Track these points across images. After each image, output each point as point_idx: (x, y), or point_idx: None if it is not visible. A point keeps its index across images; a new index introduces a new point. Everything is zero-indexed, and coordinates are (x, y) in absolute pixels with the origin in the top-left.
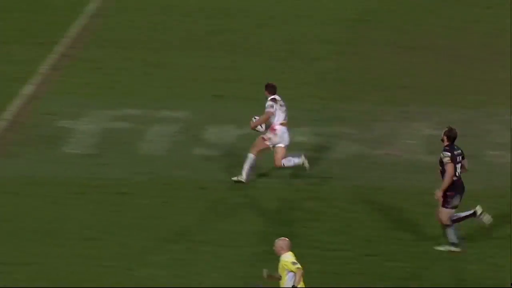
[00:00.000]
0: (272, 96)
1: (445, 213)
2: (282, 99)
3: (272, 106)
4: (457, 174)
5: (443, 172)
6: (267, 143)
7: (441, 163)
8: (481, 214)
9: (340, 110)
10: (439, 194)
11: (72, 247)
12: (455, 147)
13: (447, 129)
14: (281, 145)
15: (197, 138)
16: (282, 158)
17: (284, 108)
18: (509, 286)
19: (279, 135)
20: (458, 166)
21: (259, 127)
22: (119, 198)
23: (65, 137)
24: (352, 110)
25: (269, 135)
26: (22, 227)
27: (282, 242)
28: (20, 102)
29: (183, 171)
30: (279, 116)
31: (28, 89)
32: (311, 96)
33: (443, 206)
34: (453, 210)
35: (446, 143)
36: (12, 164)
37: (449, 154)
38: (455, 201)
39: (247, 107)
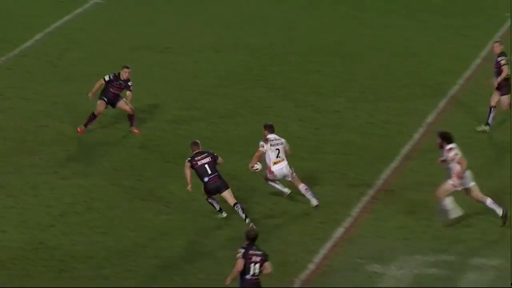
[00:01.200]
0: (267, 136)
1: None
2: (277, 137)
3: (262, 146)
4: (250, 273)
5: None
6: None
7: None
8: None
9: None
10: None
11: None
12: (255, 247)
13: (247, 230)
14: (289, 178)
15: None
16: (300, 184)
17: (275, 148)
18: (509, 286)
19: (278, 174)
20: (256, 266)
21: (255, 166)
22: None
23: (376, 282)
24: None
25: (270, 176)
26: None
27: None
28: (330, 245)
29: None
30: (271, 156)
31: (338, 232)
32: None
33: None
34: None
35: (245, 242)
36: None
37: (242, 251)
38: None
39: None
